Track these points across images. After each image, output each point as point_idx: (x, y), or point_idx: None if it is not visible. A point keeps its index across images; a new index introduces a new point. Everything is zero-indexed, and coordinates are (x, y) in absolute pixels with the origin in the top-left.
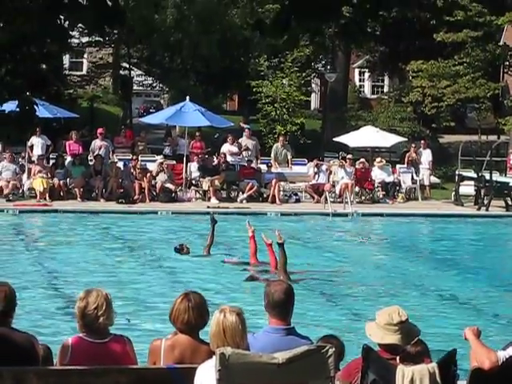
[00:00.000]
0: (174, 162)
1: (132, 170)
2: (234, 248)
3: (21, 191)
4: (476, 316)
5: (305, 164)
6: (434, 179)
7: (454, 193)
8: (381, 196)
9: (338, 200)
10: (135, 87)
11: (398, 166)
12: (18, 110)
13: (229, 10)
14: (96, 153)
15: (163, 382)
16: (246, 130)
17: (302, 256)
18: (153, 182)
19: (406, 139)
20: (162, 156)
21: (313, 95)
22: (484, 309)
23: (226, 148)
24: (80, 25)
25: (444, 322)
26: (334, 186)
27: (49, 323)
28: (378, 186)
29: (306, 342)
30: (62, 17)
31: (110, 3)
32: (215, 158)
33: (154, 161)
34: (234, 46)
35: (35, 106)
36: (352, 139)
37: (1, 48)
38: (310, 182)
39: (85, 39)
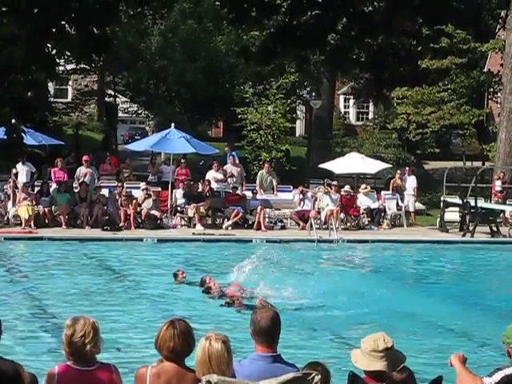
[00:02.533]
0: (160, 188)
1: (117, 197)
2: (215, 275)
3: (6, 218)
4: (462, 342)
5: (290, 191)
6: (419, 205)
7: (439, 219)
8: (366, 222)
9: (324, 227)
10: (120, 114)
11: (383, 192)
12: (5, 137)
13: (213, 37)
14: (81, 180)
15: None
16: (231, 157)
17: (287, 283)
18: (138, 209)
19: (391, 166)
20: (144, 183)
21: (298, 122)
22: (470, 335)
23: (211, 175)
24: (66, 52)
25: (429, 348)
26: (319, 212)
27: (34, 351)
28: (363, 213)
29: (292, 369)
30: (49, 45)
31: (96, 31)
32: (200, 185)
33: (139, 187)
34: (219, 72)
35: (23, 134)
36: (337, 166)
37: None
38: (296, 209)
39: (70, 66)
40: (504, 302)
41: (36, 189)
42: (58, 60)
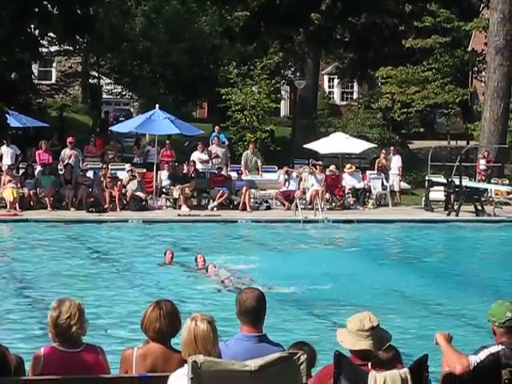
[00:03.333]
0: (145, 170)
1: (102, 179)
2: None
3: None
4: (447, 320)
5: (275, 171)
6: (404, 185)
7: (424, 198)
8: (351, 202)
9: (309, 207)
10: (104, 96)
11: (368, 172)
12: None
13: (197, 17)
14: (66, 162)
15: None
16: (215, 138)
17: (272, 263)
18: (123, 191)
19: (376, 145)
20: (129, 164)
21: (282, 102)
22: (454, 313)
23: (196, 156)
24: (49, 33)
25: (415, 326)
26: (304, 192)
27: (20, 333)
28: (348, 193)
29: (277, 348)
30: (32, 26)
31: (79, 12)
32: (185, 166)
33: (124, 169)
34: (203, 53)
35: (7, 116)
36: (322, 146)
37: None
38: (281, 189)
39: (54, 48)
40: (489, 281)
41: (21, 171)
42: (41, 41)
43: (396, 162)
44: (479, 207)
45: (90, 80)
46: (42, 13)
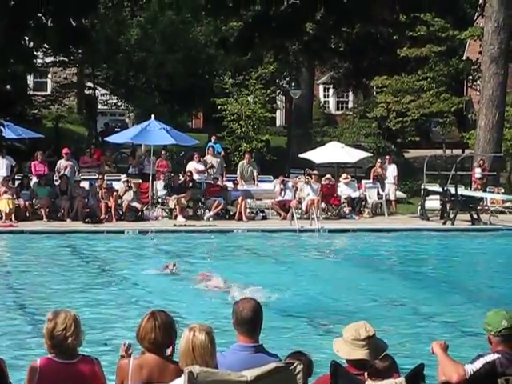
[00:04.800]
0: (140, 180)
1: (98, 190)
2: (198, 265)
3: None
4: (443, 329)
5: (271, 181)
6: (400, 194)
7: (419, 207)
8: (347, 211)
9: (305, 216)
10: (100, 106)
11: (363, 181)
12: None
13: (192, 28)
14: (61, 173)
15: None
16: (210, 148)
17: (269, 273)
18: (119, 201)
19: (372, 154)
20: (125, 175)
21: (278, 112)
22: (451, 322)
23: (192, 166)
24: (44, 45)
25: (411, 335)
26: (300, 202)
27: (15, 345)
28: (344, 202)
29: (274, 359)
30: (26, 37)
31: (74, 23)
32: (181, 176)
33: (120, 180)
34: (198, 63)
35: (1, 127)
36: (317, 155)
37: None
38: (277, 199)
39: (49, 59)
40: (485, 290)
41: (16, 182)
42: (36, 53)
43: (391, 171)
44: (475, 216)
45: (85, 91)
46: (37, 25)
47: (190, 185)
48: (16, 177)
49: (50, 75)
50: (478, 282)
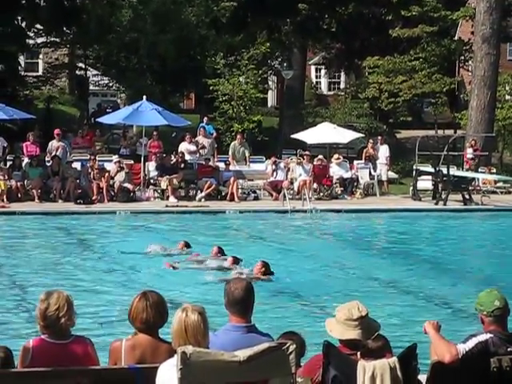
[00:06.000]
0: (132, 161)
1: (90, 171)
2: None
3: None
4: (436, 309)
5: (263, 161)
6: (392, 174)
7: (411, 188)
8: (339, 192)
9: (297, 197)
10: (91, 87)
11: (355, 161)
12: None
13: (184, 8)
14: (53, 154)
15: (125, 382)
16: (201, 129)
17: (262, 254)
18: (111, 182)
19: (363, 135)
20: (117, 156)
21: (270, 92)
22: (443, 302)
23: (184, 147)
24: (36, 25)
25: (403, 315)
26: (292, 182)
27: (8, 325)
28: (336, 183)
29: (266, 339)
30: (19, 17)
31: (66, 3)
32: (173, 157)
33: (112, 161)
34: (190, 44)
35: None
36: (309, 136)
37: None
38: (268, 180)
39: (40, 40)
40: (477, 270)
41: (8, 163)
42: (28, 33)
43: (383, 151)
44: (467, 196)
45: (76, 71)
46: (29, 4)
47: (182, 166)
48: (8, 158)
49: (41, 56)
50: (469, 262)
